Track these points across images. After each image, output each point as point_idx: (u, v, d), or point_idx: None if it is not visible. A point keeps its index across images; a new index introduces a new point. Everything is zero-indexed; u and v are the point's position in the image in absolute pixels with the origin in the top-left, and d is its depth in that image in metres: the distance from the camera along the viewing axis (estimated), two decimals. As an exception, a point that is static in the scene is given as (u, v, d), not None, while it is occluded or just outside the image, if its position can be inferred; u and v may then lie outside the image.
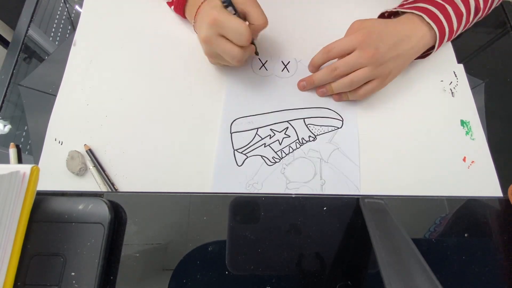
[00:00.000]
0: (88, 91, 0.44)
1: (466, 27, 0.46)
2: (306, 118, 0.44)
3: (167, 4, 0.48)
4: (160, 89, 0.45)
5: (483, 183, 0.42)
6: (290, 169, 0.41)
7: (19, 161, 0.41)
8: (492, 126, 0.45)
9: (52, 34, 0.50)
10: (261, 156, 0.41)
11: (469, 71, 0.49)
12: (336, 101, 0.45)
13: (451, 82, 0.48)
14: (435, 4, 0.42)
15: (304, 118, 0.44)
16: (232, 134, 0.42)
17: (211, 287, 0.29)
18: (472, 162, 0.43)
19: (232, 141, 0.42)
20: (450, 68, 0.48)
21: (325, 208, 0.32)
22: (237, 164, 0.41)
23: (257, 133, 0.42)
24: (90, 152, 0.40)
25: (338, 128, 0.44)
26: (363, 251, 0.32)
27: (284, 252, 0.31)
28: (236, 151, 0.41)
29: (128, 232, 0.31)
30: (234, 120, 0.43)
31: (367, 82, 0.42)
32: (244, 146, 0.42)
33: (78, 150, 0.40)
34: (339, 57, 0.42)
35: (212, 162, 0.41)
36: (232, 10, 0.37)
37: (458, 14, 0.42)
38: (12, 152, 0.41)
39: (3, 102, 0.45)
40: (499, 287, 0.31)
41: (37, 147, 0.41)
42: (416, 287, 0.24)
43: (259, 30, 0.40)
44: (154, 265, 0.30)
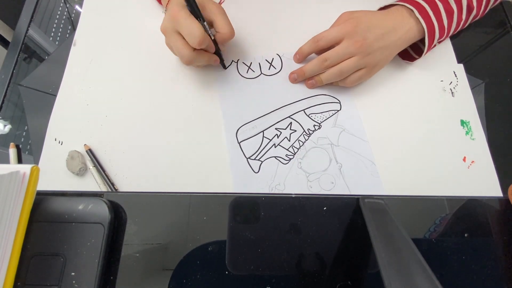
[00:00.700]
0: (88, 91, 0.44)
1: (460, 27, 0.46)
2: (306, 108, 0.44)
3: None
4: (160, 89, 0.45)
5: (483, 183, 0.42)
6: (306, 162, 0.41)
7: (19, 161, 0.41)
8: (492, 126, 0.45)
9: (52, 34, 0.50)
10: (275, 157, 0.41)
11: (469, 71, 0.49)
12: (310, 88, 0.45)
13: (451, 82, 0.48)
14: None
15: (304, 109, 0.44)
16: (241, 144, 0.42)
17: (211, 287, 0.29)
18: (472, 162, 0.43)
19: (242, 151, 0.42)
20: (450, 68, 0.48)
21: (325, 208, 0.32)
22: (254, 172, 0.40)
23: (264, 136, 0.42)
24: (90, 152, 0.40)
25: (338, 110, 0.44)
26: (363, 251, 0.32)
27: (284, 252, 0.31)
28: (249, 159, 0.41)
29: (128, 232, 0.31)
30: (238, 129, 0.43)
31: (355, 71, 0.42)
32: (255, 152, 0.42)
33: (78, 150, 0.40)
34: (327, 47, 0.42)
35: (212, 162, 0.41)
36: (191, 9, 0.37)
37: (449, 12, 0.42)
38: (12, 152, 0.41)
39: (3, 102, 0.45)
40: (499, 287, 0.31)
41: (37, 147, 0.41)
42: (416, 287, 0.24)
43: (225, 40, 0.41)
44: (154, 265, 0.30)
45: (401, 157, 0.42)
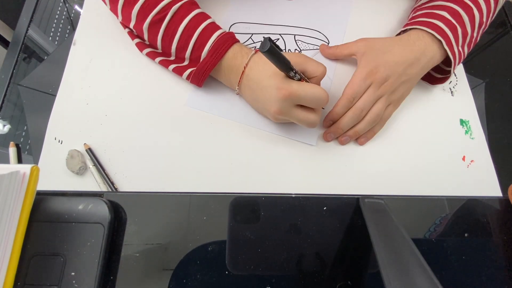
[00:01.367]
0: (87, 90, 0.44)
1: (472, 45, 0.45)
2: (297, 35, 0.50)
3: (162, 64, 0.44)
4: (160, 88, 0.45)
5: (483, 182, 0.42)
6: None
7: (19, 160, 0.41)
8: (491, 125, 0.45)
9: (51, 34, 0.50)
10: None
11: (469, 70, 0.49)
12: (343, 145, 0.43)
13: (451, 82, 0.48)
14: (446, 21, 0.41)
15: (295, 35, 0.50)
16: None
17: (211, 287, 0.29)
18: (472, 161, 0.43)
19: None
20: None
21: (325, 208, 0.32)
22: None
23: (251, 38, 0.49)
24: (90, 151, 0.40)
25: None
26: (363, 251, 0.32)
27: (284, 252, 0.31)
28: None
29: (128, 232, 0.31)
30: (234, 24, 0.49)
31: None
32: None
33: (78, 149, 0.40)
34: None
35: (212, 162, 0.41)
36: (298, 76, 0.36)
37: (464, 35, 0.42)
38: (12, 151, 0.41)
39: (3, 102, 0.45)
40: (499, 287, 0.31)
41: (36, 146, 0.41)
42: (416, 287, 0.24)
43: (320, 80, 0.40)
44: (154, 265, 0.30)
45: (401, 157, 0.42)
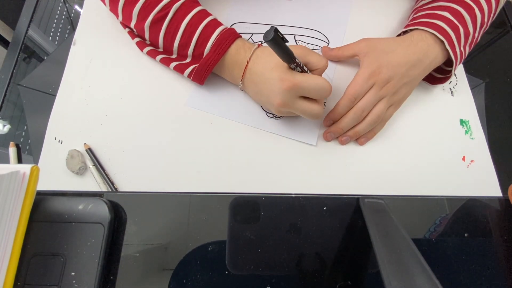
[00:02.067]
0: (87, 90, 0.44)
1: (473, 45, 0.45)
2: (297, 35, 0.49)
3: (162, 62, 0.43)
4: (160, 88, 0.45)
5: (483, 182, 0.42)
6: None
7: (19, 160, 0.41)
8: (492, 125, 0.45)
9: (51, 34, 0.50)
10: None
11: (469, 70, 0.49)
12: (343, 145, 0.43)
13: (451, 82, 0.48)
14: (448, 22, 0.41)
15: (295, 35, 0.49)
16: None
17: (211, 287, 0.29)
18: (472, 161, 0.43)
19: None
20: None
21: (325, 208, 0.32)
22: None
23: (251, 38, 0.49)
24: (90, 151, 0.40)
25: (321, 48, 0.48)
26: (363, 251, 0.32)
27: (284, 252, 0.31)
28: None
29: (128, 232, 0.31)
30: (234, 24, 0.49)
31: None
32: None
33: (78, 149, 0.40)
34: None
35: (212, 162, 0.41)
36: (299, 68, 0.36)
37: (466, 35, 0.42)
38: (12, 151, 0.41)
39: (3, 102, 0.45)
40: (499, 287, 0.31)
41: (36, 146, 0.41)
42: (416, 287, 0.24)
43: (322, 73, 0.40)
44: (154, 265, 0.30)
45: (401, 157, 0.42)
